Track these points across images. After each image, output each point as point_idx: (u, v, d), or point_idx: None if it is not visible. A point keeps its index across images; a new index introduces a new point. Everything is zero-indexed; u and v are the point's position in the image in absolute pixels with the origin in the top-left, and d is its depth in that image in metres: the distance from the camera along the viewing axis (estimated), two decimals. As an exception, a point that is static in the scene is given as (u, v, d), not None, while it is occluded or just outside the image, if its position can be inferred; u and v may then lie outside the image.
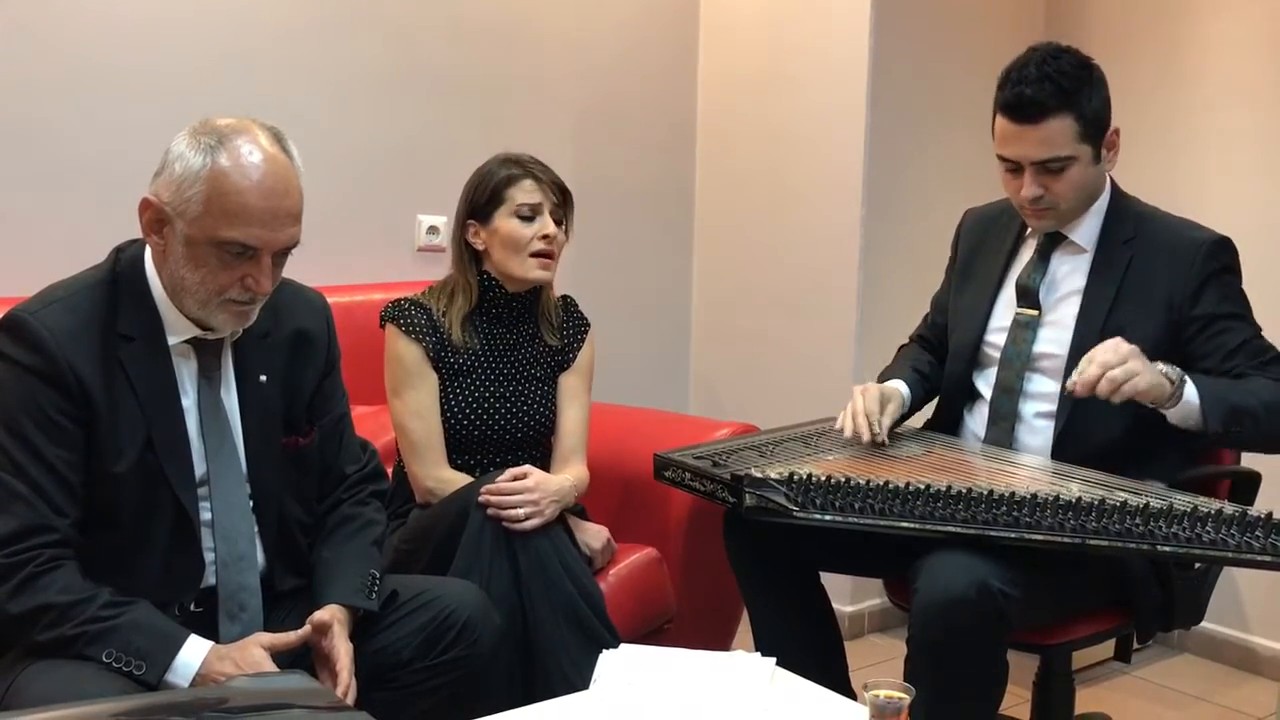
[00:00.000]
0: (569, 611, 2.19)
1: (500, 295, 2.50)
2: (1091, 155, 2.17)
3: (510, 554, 2.18)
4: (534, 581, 2.17)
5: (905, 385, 2.39)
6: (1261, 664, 3.19)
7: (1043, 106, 2.11)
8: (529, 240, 2.44)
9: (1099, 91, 2.17)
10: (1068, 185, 2.17)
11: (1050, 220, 2.23)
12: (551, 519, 2.23)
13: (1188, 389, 2.04)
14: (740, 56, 3.56)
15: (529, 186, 2.46)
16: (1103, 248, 2.24)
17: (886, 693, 1.58)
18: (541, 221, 2.45)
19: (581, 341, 2.60)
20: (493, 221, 2.46)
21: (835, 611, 2.39)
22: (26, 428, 1.74)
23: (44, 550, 1.71)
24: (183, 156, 1.76)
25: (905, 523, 1.98)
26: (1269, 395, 2.07)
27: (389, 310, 2.48)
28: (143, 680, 1.70)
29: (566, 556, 2.23)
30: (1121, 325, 2.17)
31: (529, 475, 2.24)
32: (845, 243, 3.31)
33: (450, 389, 2.47)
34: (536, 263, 2.45)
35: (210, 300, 1.79)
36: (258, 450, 1.92)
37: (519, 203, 2.45)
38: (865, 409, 2.25)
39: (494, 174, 2.48)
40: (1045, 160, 2.15)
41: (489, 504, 2.19)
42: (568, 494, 2.32)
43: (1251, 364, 2.12)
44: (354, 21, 3.04)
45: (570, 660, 2.16)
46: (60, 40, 2.66)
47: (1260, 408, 2.05)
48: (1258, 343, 2.15)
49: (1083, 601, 2.20)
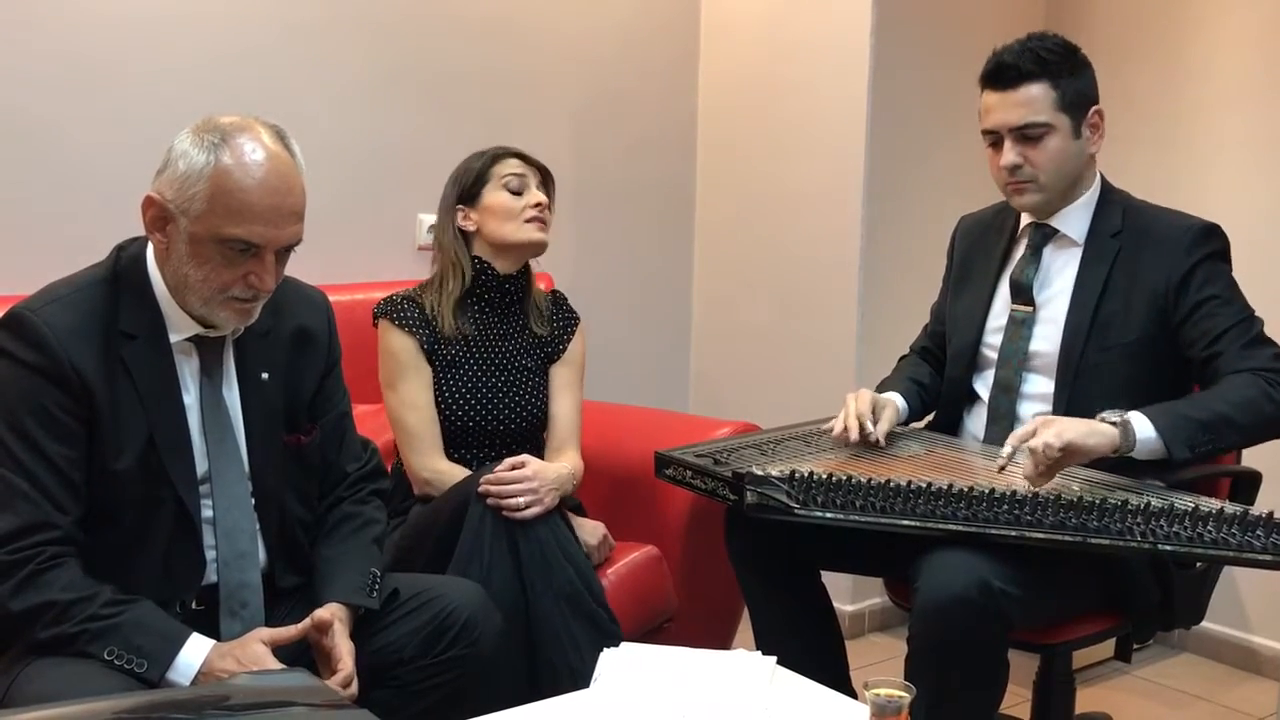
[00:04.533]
0: (572, 598, 2.19)
1: (491, 279, 2.52)
2: (1070, 127, 2.18)
3: (511, 543, 2.18)
4: (536, 570, 2.18)
5: (901, 397, 2.39)
6: (1262, 664, 3.19)
7: (1020, 71, 2.17)
8: (521, 209, 2.50)
9: (1081, 70, 2.20)
10: (1045, 156, 2.18)
11: (1030, 196, 2.23)
12: (551, 507, 2.23)
13: (1138, 427, 1.98)
14: (741, 55, 3.56)
15: (514, 163, 2.54)
16: (1092, 241, 2.24)
17: (887, 691, 1.58)
18: (530, 192, 2.52)
19: (572, 334, 2.62)
20: (482, 199, 2.51)
21: (836, 610, 2.39)
22: (28, 425, 1.74)
23: (46, 548, 1.72)
24: (186, 154, 1.76)
25: (906, 521, 1.98)
26: (1239, 394, 2.02)
27: (381, 306, 2.51)
28: (144, 678, 1.70)
29: (567, 545, 2.24)
30: (1110, 318, 2.17)
31: (527, 464, 2.25)
32: (846, 241, 3.31)
33: (444, 381, 2.49)
34: (533, 225, 2.50)
35: (213, 298, 1.79)
36: (259, 448, 1.92)
37: (505, 175, 2.51)
38: (857, 411, 2.25)
39: (476, 160, 2.55)
40: (1022, 125, 2.17)
41: (488, 494, 2.20)
42: (566, 482, 2.33)
43: (1235, 347, 2.08)
44: (356, 20, 3.04)
45: (575, 647, 2.16)
46: (63, 38, 2.66)
47: (1232, 410, 2.01)
48: (1244, 325, 2.12)
49: (1083, 601, 2.20)
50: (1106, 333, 2.19)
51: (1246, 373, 2.05)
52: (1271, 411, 2.03)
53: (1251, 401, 2.02)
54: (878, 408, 2.29)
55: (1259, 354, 2.08)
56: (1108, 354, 2.18)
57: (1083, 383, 2.18)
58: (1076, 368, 2.19)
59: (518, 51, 3.30)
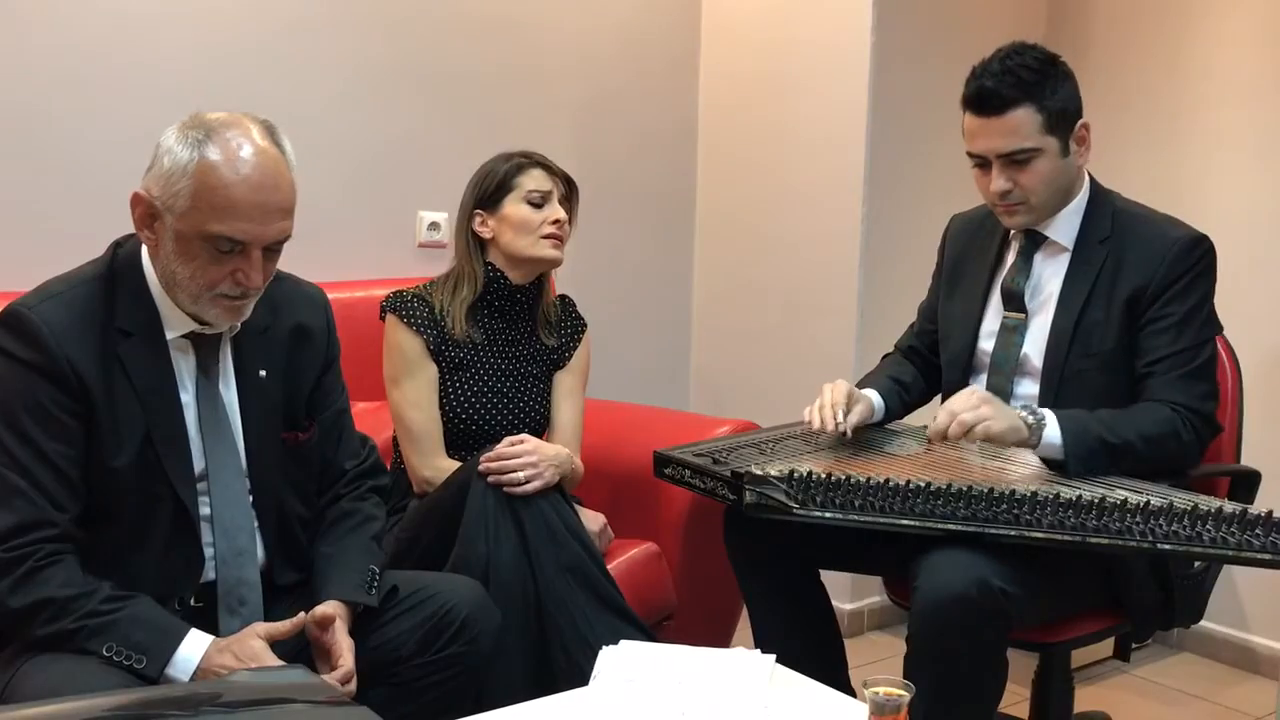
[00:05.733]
0: (578, 570, 2.19)
1: (504, 287, 2.51)
2: (1059, 148, 2.17)
3: (515, 519, 2.18)
4: (541, 543, 2.17)
5: (878, 394, 2.38)
6: (1260, 663, 3.19)
7: (1003, 98, 2.13)
8: (540, 224, 2.48)
9: (1064, 85, 2.17)
10: (1035, 178, 2.17)
11: (1022, 216, 2.22)
12: (551, 482, 2.22)
13: (1048, 432, 2.06)
14: (742, 54, 3.56)
15: (539, 175, 2.51)
16: (1081, 247, 2.23)
17: (886, 690, 1.59)
18: (551, 207, 2.50)
19: (578, 341, 2.62)
20: (502, 208, 2.48)
21: (835, 609, 2.39)
22: (25, 423, 1.74)
23: (44, 545, 1.72)
24: (171, 151, 1.75)
25: (905, 520, 1.98)
26: (1153, 427, 2.08)
27: (390, 300, 2.50)
28: (143, 674, 1.70)
29: (570, 520, 2.23)
30: (1092, 326, 2.18)
31: (526, 441, 2.24)
32: (846, 240, 3.31)
33: (449, 382, 2.48)
34: (549, 242, 2.48)
35: (202, 295, 1.79)
36: (257, 445, 1.92)
37: (529, 189, 2.48)
38: (831, 401, 2.25)
39: (503, 164, 2.52)
40: (1010, 152, 2.15)
41: (489, 471, 2.19)
42: (565, 461, 2.31)
43: (1168, 375, 2.12)
44: (356, 17, 3.04)
45: (584, 617, 2.16)
46: (60, 34, 2.66)
47: (1141, 442, 2.07)
48: (1187, 354, 2.13)
49: (1082, 600, 2.20)
50: (1089, 340, 2.18)
51: (1167, 406, 2.10)
52: (1174, 450, 2.10)
53: (1161, 438, 2.09)
54: (851, 400, 2.28)
55: (1189, 390, 2.12)
56: (1089, 360, 2.18)
57: (1067, 389, 2.18)
58: (1061, 374, 2.19)
59: (519, 49, 3.30)
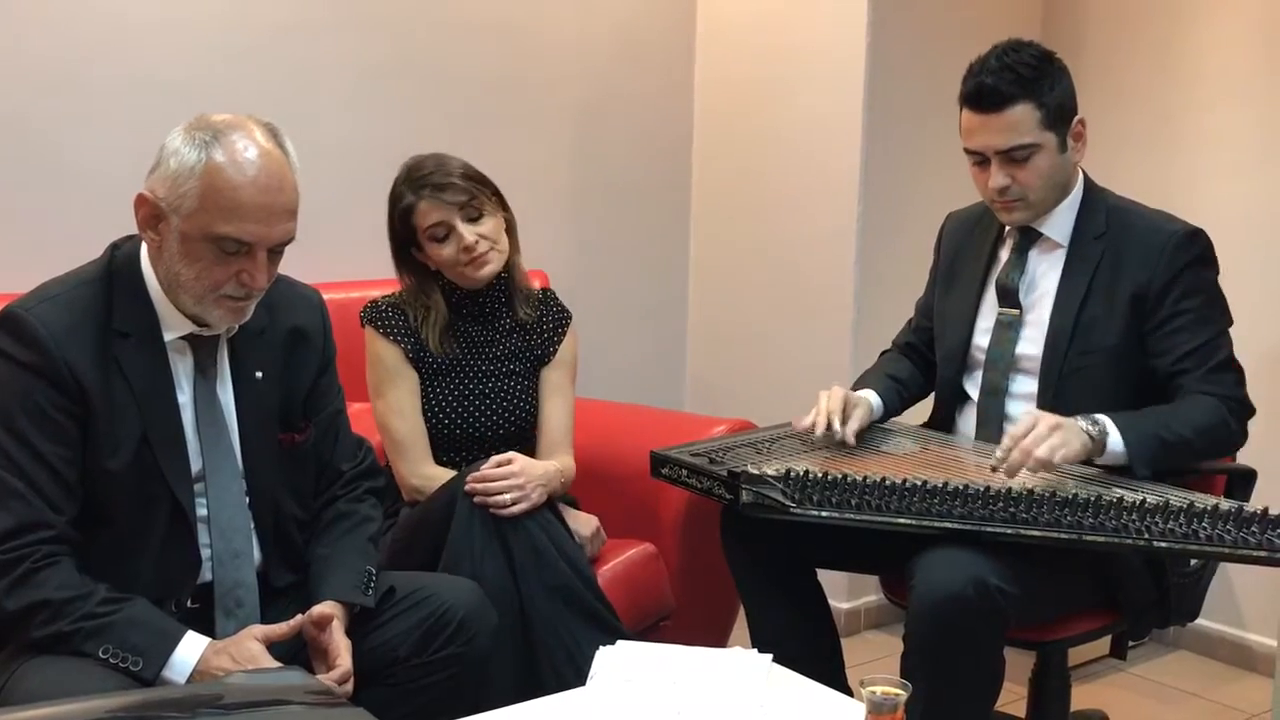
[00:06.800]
0: (565, 591, 2.18)
1: (467, 295, 2.50)
2: (1057, 144, 2.18)
3: (501, 540, 2.17)
4: (528, 565, 2.16)
5: (876, 394, 2.38)
6: (1256, 661, 3.19)
7: (1002, 95, 2.13)
8: (454, 255, 2.42)
9: (1061, 81, 2.18)
10: (1034, 174, 2.18)
11: (1020, 213, 2.23)
12: (538, 503, 2.21)
13: (1111, 440, 2.06)
14: (738, 56, 3.56)
15: (425, 209, 2.42)
16: (1076, 243, 2.24)
17: (883, 689, 1.58)
18: (456, 236, 2.41)
19: (562, 334, 2.58)
20: (422, 249, 2.45)
21: (832, 608, 2.40)
22: (22, 424, 1.74)
23: (40, 546, 1.71)
24: (178, 152, 1.76)
25: (902, 519, 1.98)
26: (1204, 420, 2.11)
27: (366, 310, 2.49)
28: (139, 676, 1.70)
29: (558, 538, 2.22)
30: (1092, 322, 2.18)
31: (513, 461, 2.23)
32: (842, 241, 3.31)
33: (430, 388, 2.48)
34: (472, 269, 2.43)
35: (206, 296, 1.79)
36: (253, 446, 1.92)
37: (425, 228, 2.42)
38: (828, 408, 2.26)
39: (397, 205, 2.45)
40: (1009, 149, 2.16)
41: (474, 492, 2.18)
42: (553, 479, 2.30)
43: (1199, 371, 2.13)
44: (354, 20, 3.04)
45: (571, 639, 2.15)
46: (59, 37, 2.66)
47: (1196, 435, 2.10)
48: (1211, 346, 2.15)
49: (1079, 598, 2.20)
50: (1089, 337, 2.19)
51: (1212, 398, 2.12)
52: (1224, 438, 2.14)
53: (1212, 428, 2.12)
54: (849, 406, 2.29)
55: (1223, 379, 2.15)
56: (1090, 357, 2.19)
57: (1066, 385, 2.19)
58: (1060, 371, 2.20)
59: (515, 51, 3.30)
